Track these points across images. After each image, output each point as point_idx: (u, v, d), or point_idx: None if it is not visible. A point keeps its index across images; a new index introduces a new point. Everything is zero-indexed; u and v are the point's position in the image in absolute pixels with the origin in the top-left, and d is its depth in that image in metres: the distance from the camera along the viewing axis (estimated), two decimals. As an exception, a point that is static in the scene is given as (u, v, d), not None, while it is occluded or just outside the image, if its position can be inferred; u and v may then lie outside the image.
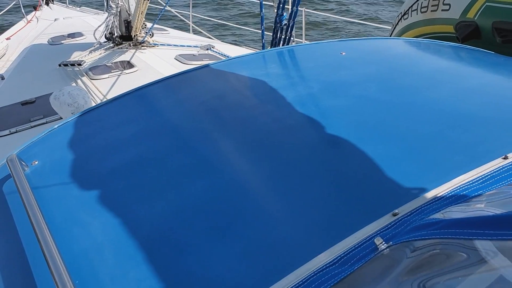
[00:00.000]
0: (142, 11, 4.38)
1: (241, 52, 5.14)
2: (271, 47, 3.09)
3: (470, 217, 0.78)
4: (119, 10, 4.60)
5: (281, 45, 3.07)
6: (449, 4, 3.12)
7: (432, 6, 3.22)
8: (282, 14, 2.92)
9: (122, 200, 1.28)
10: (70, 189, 1.36)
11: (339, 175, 1.22)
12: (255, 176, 1.29)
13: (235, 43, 7.02)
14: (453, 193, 1.03)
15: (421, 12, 3.30)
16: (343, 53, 2.05)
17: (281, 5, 2.92)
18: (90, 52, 4.55)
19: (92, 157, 1.55)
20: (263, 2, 3.37)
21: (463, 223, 0.76)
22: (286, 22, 2.94)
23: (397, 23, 3.62)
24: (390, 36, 3.77)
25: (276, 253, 0.99)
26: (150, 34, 4.81)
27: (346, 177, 1.20)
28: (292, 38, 5.53)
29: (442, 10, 3.16)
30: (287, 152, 1.34)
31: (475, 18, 2.97)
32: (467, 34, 2.98)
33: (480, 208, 0.86)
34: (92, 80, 4.03)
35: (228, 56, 4.59)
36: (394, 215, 1.01)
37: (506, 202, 0.87)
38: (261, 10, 3.08)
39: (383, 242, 0.90)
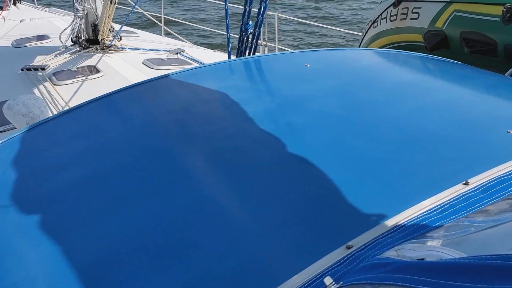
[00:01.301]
0: (109, 15, 4.25)
1: (213, 56, 5.06)
2: (237, 56, 3.03)
3: (422, 262, 0.72)
4: (85, 13, 4.46)
5: (247, 54, 3.01)
6: (418, 13, 3.10)
7: (401, 14, 3.21)
8: (248, 23, 2.86)
9: (61, 226, 1.19)
10: (6, 214, 1.26)
11: (290, 201, 1.15)
12: (205, 197, 1.22)
13: (209, 46, 6.93)
14: (409, 223, 0.97)
15: (390, 21, 3.28)
16: (308, 65, 1.99)
17: (246, 14, 2.86)
18: (55, 56, 4.40)
19: (35, 177, 1.45)
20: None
21: (414, 267, 0.70)
22: (251, 30, 2.88)
23: (367, 31, 3.60)
24: (360, 43, 3.75)
25: None
26: (118, 38, 4.68)
27: (298, 204, 1.13)
28: (265, 43, 5.50)
29: (411, 19, 3.14)
30: (236, 175, 1.27)
31: (444, 28, 2.96)
32: (436, 43, 2.97)
33: (434, 247, 0.81)
34: (55, 86, 3.88)
35: (198, 61, 4.50)
36: (348, 247, 0.95)
37: (462, 240, 0.82)
38: (226, 18, 3.01)
39: (333, 283, 0.84)
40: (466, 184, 1.08)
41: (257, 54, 4.37)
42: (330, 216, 1.07)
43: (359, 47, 3.85)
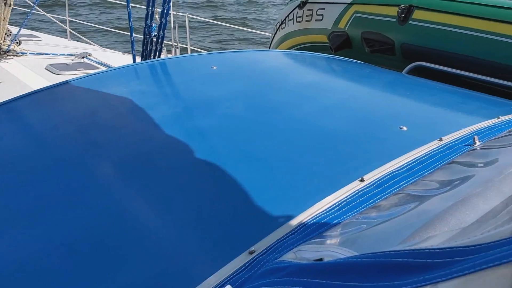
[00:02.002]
0: (4, 18, 3.96)
1: (122, 59, 4.89)
2: (141, 59, 2.94)
3: (315, 263, 0.73)
4: (-22, 16, 4.12)
5: (152, 57, 2.93)
6: (322, 15, 3.21)
7: (306, 16, 3.30)
8: (151, 25, 2.79)
9: None
10: None
11: (196, 206, 1.13)
12: (112, 206, 1.16)
13: (120, 49, 6.69)
14: (308, 223, 0.99)
15: (297, 22, 3.36)
16: (214, 67, 1.98)
17: (149, 16, 2.78)
18: None
19: None
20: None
21: (308, 270, 0.71)
22: (155, 33, 2.82)
23: (276, 32, 3.66)
24: (270, 44, 3.80)
25: None
26: (17, 42, 4.37)
27: (204, 209, 1.11)
28: (176, 44, 5.41)
29: (316, 20, 3.24)
30: (142, 181, 1.23)
31: (346, 29, 3.08)
32: (339, 44, 3.09)
33: (329, 247, 0.82)
34: None
35: (106, 65, 4.33)
36: (251, 253, 0.94)
37: (357, 237, 0.84)
38: (129, 20, 2.91)
39: (233, 291, 0.83)
40: (362, 180, 1.12)
41: (168, 56, 4.30)
42: (235, 221, 1.06)
43: (269, 48, 3.91)
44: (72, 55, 4.52)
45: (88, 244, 1.04)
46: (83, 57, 4.44)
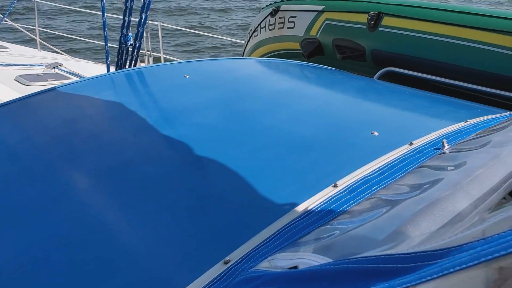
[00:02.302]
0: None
1: (94, 69, 4.82)
2: (116, 69, 2.91)
3: (289, 272, 0.73)
4: None
5: (127, 66, 2.90)
6: (294, 22, 3.24)
7: (278, 24, 3.33)
8: (127, 34, 2.76)
9: None
10: None
11: (172, 217, 1.12)
12: (88, 217, 1.14)
13: (91, 58, 6.60)
14: (283, 231, 0.99)
15: (269, 30, 3.39)
16: (187, 76, 1.97)
17: (125, 25, 2.76)
18: None
19: None
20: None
21: (281, 278, 0.71)
22: (132, 42, 2.79)
23: (249, 40, 3.68)
24: (243, 52, 3.82)
25: None
26: (-16, 53, 4.28)
27: (180, 219, 1.10)
28: (149, 53, 5.38)
29: (288, 27, 3.27)
30: (118, 192, 1.21)
31: (318, 36, 3.12)
32: (311, 51, 3.12)
33: (303, 254, 0.83)
34: None
35: (78, 75, 4.27)
36: (226, 263, 0.94)
37: (331, 243, 0.85)
38: (104, 30, 2.88)
39: (208, 301, 0.82)
40: (335, 186, 1.13)
41: (141, 65, 4.26)
42: (209, 231, 1.06)
43: (242, 55, 3.93)
44: (42, 65, 4.43)
45: (58, 256, 1.02)
46: (54, 67, 4.37)
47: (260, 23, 3.47)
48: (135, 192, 1.22)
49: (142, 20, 2.83)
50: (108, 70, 3.10)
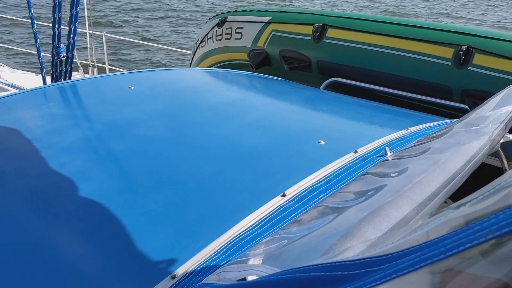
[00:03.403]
0: None
1: (33, 80, 4.63)
2: (52, 82, 2.80)
3: (237, 284, 0.72)
4: None
5: (62, 79, 2.80)
6: (241, 33, 3.26)
7: (226, 34, 3.33)
8: (59, 46, 2.67)
9: None
10: None
11: (114, 235, 1.07)
12: (18, 241, 1.07)
13: (29, 70, 6.32)
14: (231, 243, 0.98)
15: (217, 40, 3.39)
16: (132, 87, 1.92)
17: (56, 36, 2.66)
18: None
19: None
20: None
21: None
22: (64, 54, 2.70)
23: (196, 50, 3.66)
24: (191, 62, 3.79)
25: None
26: None
27: (123, 237, 1.06)
28: (93, 64, 5.23)
29: (235, 38, 3.28)
30: (54, 215, 1.15)
31: (265, 47, 3.15)
32: (259, 61, 3.15)
33: (251, 266, 0.82)
34: None
35: (17, 87, 4.08)
36: (173, 277, 0.91)
37: (280, 253, 0.85)
38: (36, 41, 2.76)
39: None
40: (284, 195, 1.13)
41: (85, 76, 4.13)
42: (155, 246, 1.02)
43: (190, 66, 3.90)
44: (-23, 76, 4.21)
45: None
46: (-10, 79, 4.16)
47: (207, 34, 3.47)
48: (72, 212, 1.16)
49: (72, 32, 2.73)
50: (44, 82, 2.97)
